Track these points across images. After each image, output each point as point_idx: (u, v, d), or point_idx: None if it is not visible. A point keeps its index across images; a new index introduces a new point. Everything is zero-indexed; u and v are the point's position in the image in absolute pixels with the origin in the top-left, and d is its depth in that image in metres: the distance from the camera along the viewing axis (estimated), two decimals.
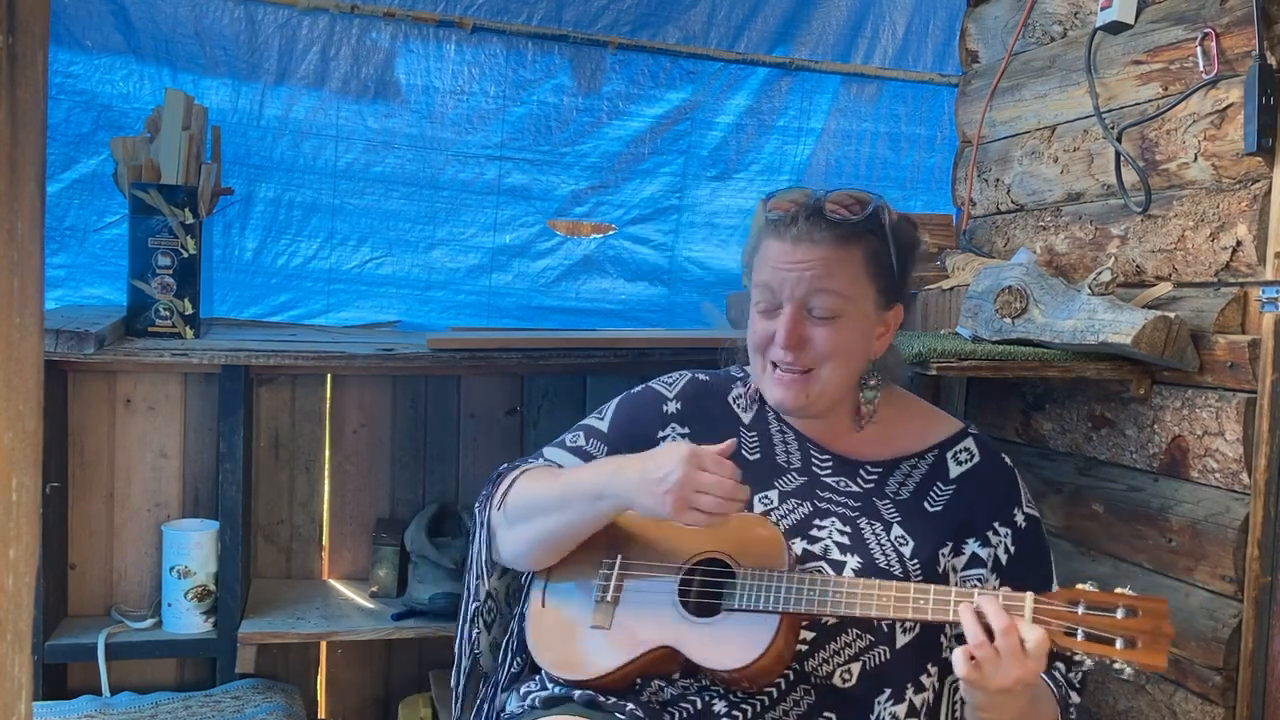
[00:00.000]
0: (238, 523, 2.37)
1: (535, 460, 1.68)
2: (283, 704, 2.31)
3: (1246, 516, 1.83)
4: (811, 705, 1.46)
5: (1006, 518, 1.59)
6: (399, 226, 2.76)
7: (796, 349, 1.53)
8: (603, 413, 1.72)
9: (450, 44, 2.73)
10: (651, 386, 1.72)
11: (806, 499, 1.57)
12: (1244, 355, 1.84)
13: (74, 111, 2.52)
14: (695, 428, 1.64)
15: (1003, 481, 1.63)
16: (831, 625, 1.47)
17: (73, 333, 2.05)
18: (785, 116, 2.95)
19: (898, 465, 1.62)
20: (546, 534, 1.54)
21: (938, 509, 1.58)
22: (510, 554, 1.61)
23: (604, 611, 1.51)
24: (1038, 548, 1.60)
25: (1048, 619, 1.32)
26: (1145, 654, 1.27)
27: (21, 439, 0.76)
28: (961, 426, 1.68)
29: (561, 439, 1.70)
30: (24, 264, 0.75)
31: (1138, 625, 1.29)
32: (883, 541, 1.53)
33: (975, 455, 1.63)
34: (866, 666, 1.47)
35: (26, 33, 0.74)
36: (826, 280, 1.53)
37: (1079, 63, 2.28)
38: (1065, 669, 1.54)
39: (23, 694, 0.77)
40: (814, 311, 1.54)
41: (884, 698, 1.48)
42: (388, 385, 2.69)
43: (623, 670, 1.47)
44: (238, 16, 2.58)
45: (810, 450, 1.63)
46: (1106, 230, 2.21)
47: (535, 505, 1.55)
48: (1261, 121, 1.80)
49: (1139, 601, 1.31)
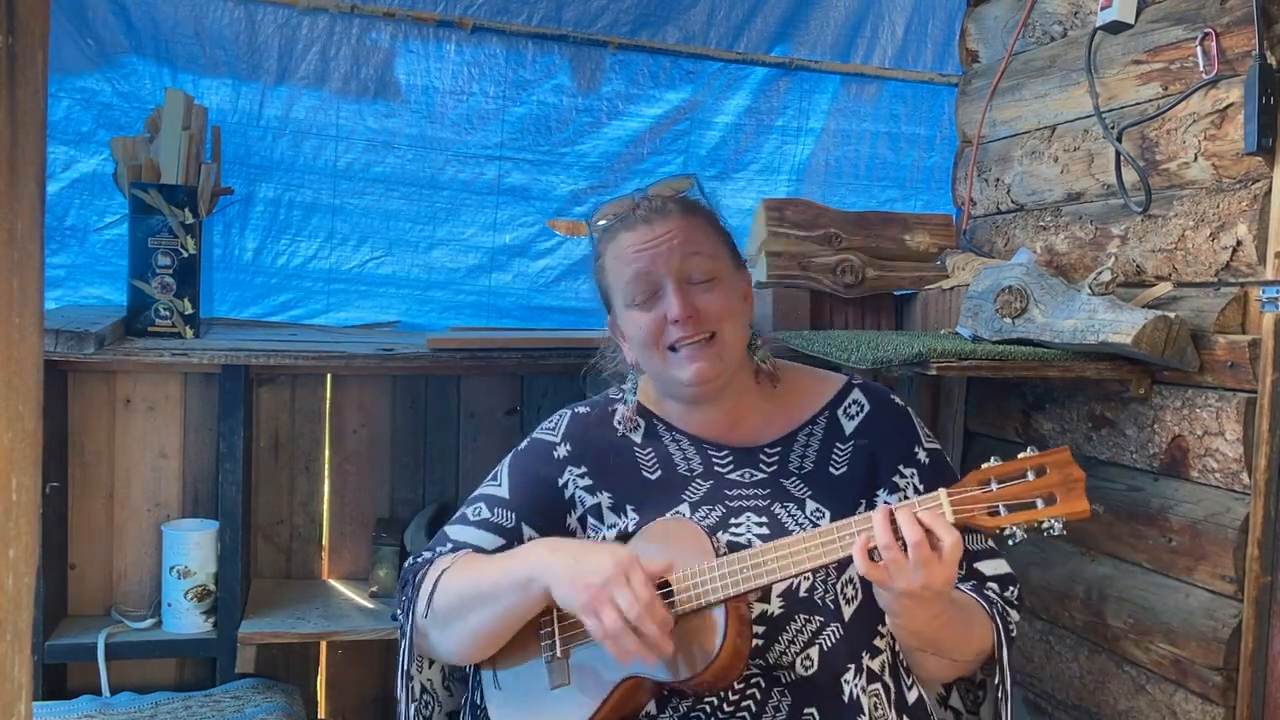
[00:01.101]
0: (238, 523, 2.37)
1: (444, 547, 1.60)
2: (283, 704, 2.31)
3: (1246, 516, 1.83)
4: (790, 707, 1.46)
5: (909, 456, 1.60)
6: (399, 226, 2.75)
7: (693, 316, 1.53)
8: (497, 477, 1.67)
9: (450, 44, 2.73)
10: (536, 437, 1.69)
11: (717, 502, 1.56)
12: (1244, 355, 1.84)
13: (74, 111, 2.52)
14: (591, 464, 1.62)
15: (897, 423, 1.63)
16: (778, 615, 1.47)
17: (73, 333, 2.05)
18: (784, 116, 2.95)
19: (794, 438, 1.62)
20: (482, 627, 1.50)
21: (843, 470, 1.59)
22: (448, 653, 1.57)
23: (558, 669, 1.48)
24: (945, 479, 1.55)
25: (967, 506, 1.33)
26: (1065, 505, 1.30)
27: (21, 439, 0.76)
28: (845, 380, 1.68)
29: (463, 513, 1.65)
30: (24, 264, 0.75)
31: (1048, 481, 1.31)
32: (800, 521, 1.53)
33: (865, 405, 1.64)
34: (823, 648, 1.47)
35: (26, 33, 0.74)
36: (691, 244, 1.57)
37: (1079, 62, 2.28)
38: (1000, 588, 1.56)
39: (23, 694, 0.77)
40: (694, 278, 1.55)
41: (850, 675, 1.48)
42: (388, 385, 2.69)
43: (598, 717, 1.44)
44: (238, 16, 2.58)
45: (708, 451, 1.62)
46: (1106, 230, 2.21)
47: (465, 602, 1.49)
48: (1261, 121, 1.80)
49: (1043, 458, 1.32)
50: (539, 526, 1.60)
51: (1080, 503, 1.30)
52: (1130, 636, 2.05)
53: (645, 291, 1.56)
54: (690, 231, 1.58)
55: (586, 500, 1.61)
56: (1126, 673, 2.07)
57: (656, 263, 1.55)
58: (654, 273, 1.55)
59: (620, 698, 1.44)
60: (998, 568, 1.60)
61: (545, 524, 1.61)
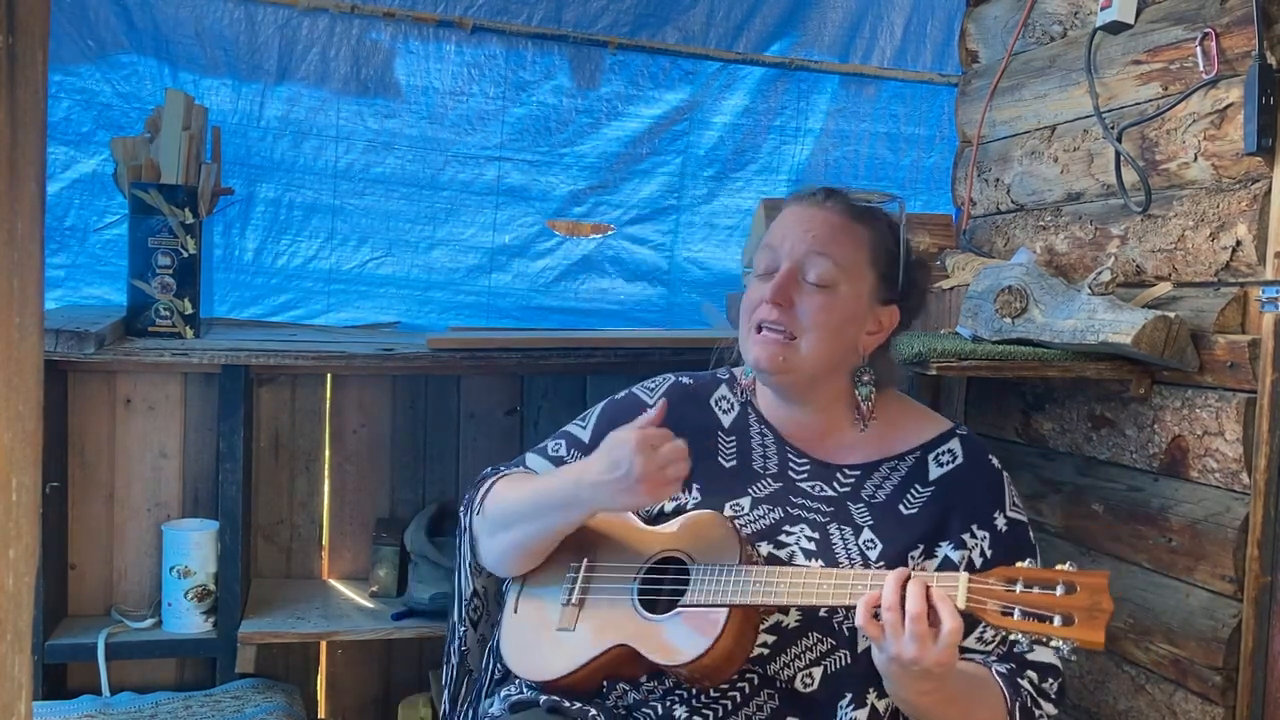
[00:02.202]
0: (238, 523, 2.37)
1: (516, 467, 1.69)
2: (283, 704, 2.31)
3: (1246, 516, 1.83)
4: (774, 710, 1.46)
5: (985, 520, 1.54)
6: (399, 227, 2.76)
7: (783, 305, 1.52)
8: (585, 420, 1.71)
9: (450, 44, 2.73)
10: (634, 392, 1.71)
11: (778, 505, 1.56)
12: (1244, 355, 1.84)
13: (74, 111, 2.52)
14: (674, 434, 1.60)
15: (985, 483, 1.58)
16: (792, 628, 1.46)
17: (73, 333, 2.05)
18: (783, 116, 2.95)
19: (877, 468, 1.59)
20: (521, 542, 1.56)
21: (912, 511, 1.55)
22: (490, 561, 1.63)
23: (569, 614, 1.52)
24: (1019, 553, 1.50)
25: (982, 599, 1.29)
26: (1082, 630, 1.24)
27: (21, 439, 0.76)
28: (950, 427, 1.64)
29: (544, 445, 1.71)
30: (24, 264, 0.75)
31: (1075, 602, 1.26)
32: (849, 546, 1.51)
33: (958, 457, 1.59)
34: (828, 670, 1.46)
35: (26, 33, 0.74)
36: (828, 245, 1.54)
37: (1079, 63, 2.28)
38: (1038, 679, 1.49)
39: (23, 694, 0.77)
40: (809, 276, 1.53)
41: (845, 702, 1.47)
42: (388, 385, 2.69)
43: (584, 670, 1.48)
44: (238, 17, 2.58)
45: (788, 454, 1.62)
46: (1106, 230, 2.21)
47: (510, 514, 1.56)
48: (1261, 121, 1.80)
49: (1079, 577, 1.27)
50: None
51: (1097, 634, 1.24)
52: (1130, 636, 2.06)
53: (765, 263, 1.57)
54: (838, 233, 1.55)
55: None
56: (1126, 672, 2.07)
57: (787, 241, 1.55)
58: (779, 249, 1.56)
59: (610, 659, 1.47)
60: (1042, 656, 1.50)
61: None
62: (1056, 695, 1.50)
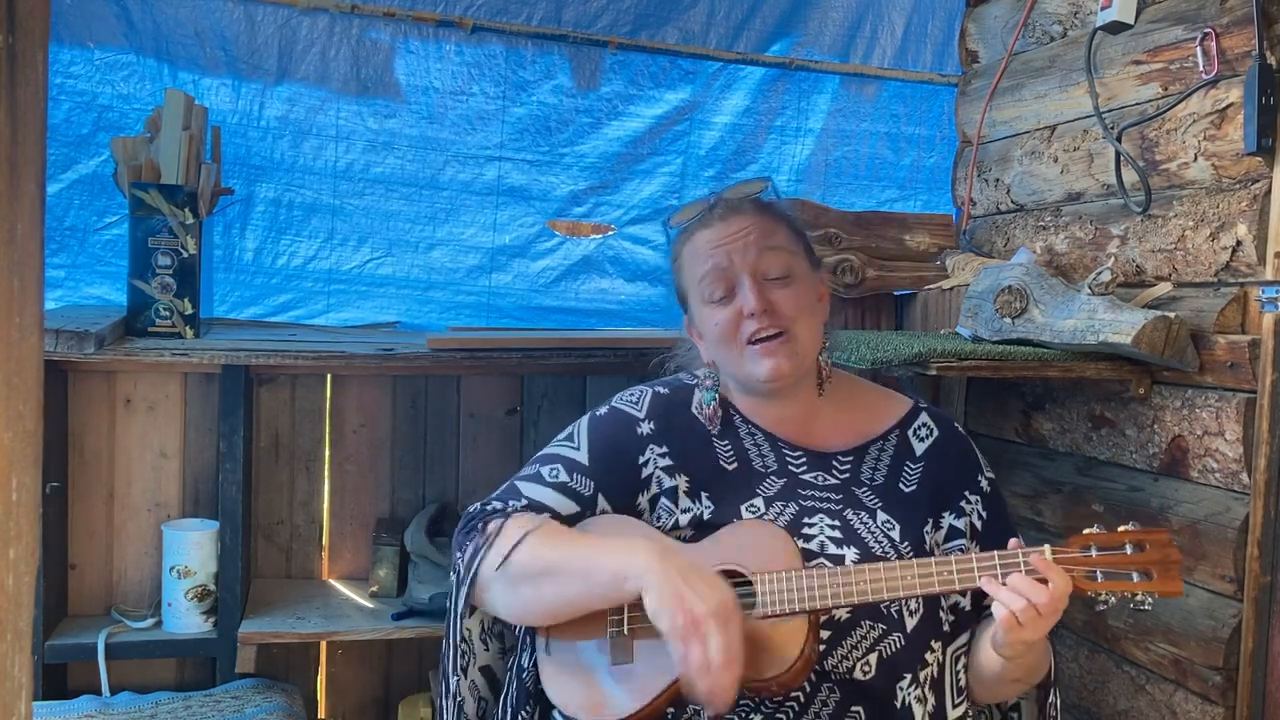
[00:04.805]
0: (238, 523, 2.37)
1: (518, 502, 1.57)
2: (283, 704, 2.31)
3: (1246, 516, 1.83)
4: (838, 703, 1.46)
5: (974, 485, 1.63)
6: (399, 227, 2.76)
7: (767, 310, 1.54)
8: (575, 441, 1.64)
9: (450, 44, 2.73)
10: (618, 409, 1.66)
11: (791, 500, 1.57)
12: (1244, 355, 1.84)
13: (74, 112, 2.52)
14: (673, 445, 1.61)
15: (963, 451, 1.67)
16: (845, 620, 1.47)
17: (73, 333, 2.05)
18: (784, 116, 2.95)
19: (867, 450, 1.63)
20: (561, 602, 1.47)
21: (913, 488, 1.61)
22: (507, 611, 1.53)
23: (622, 647, 1.46)
24: (1003, 508, 1.65)
25: (1069, 567, 1.38)
26: (1161, 583, 1.36)
27: (21, 439, 0.76)
28: (913, 403, 1.70)
29: (538, 472, 1.61)
30: (24, 264, 0.75)
31: (1147, 558, 1.37)
32: (872, 529, 1.54)
33: (934, 430, 1.66)
34: (883, 655, 1.48)
35: (26, 33, 0.74)
36: (768, 238, 1.58)
37: (1079, 63, 2.28)
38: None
39: (23, 694, 0.77)
40: (769, 274, 1.57)
41: (905, 683, 1.49)
42: (388, 385, 2.69)
43: (658, 701, 1.42)
44: (237, 16, 2.58)
45: (783, 450, 1.63)
46: (1106, 230, 2.21)
47: (550, 571, 1.46)
48: (1261, 121, 1.80)
49: (1144, 535, 1.39)
50: (614, 500, 1.58)
51: (1176, 583, 1.36)
52: (1130, 636, 2.06)
53: (721, 287, 1.57)
54: (766, 228, 1.60)
55: (665, 481, 1.59)
56: (1126, 672, 2.07)
57: (732, 258, 1.57)
58: (730, 268, 1.57)
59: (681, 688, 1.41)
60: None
61: (620, 498, 1.59)
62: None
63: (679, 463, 1.60)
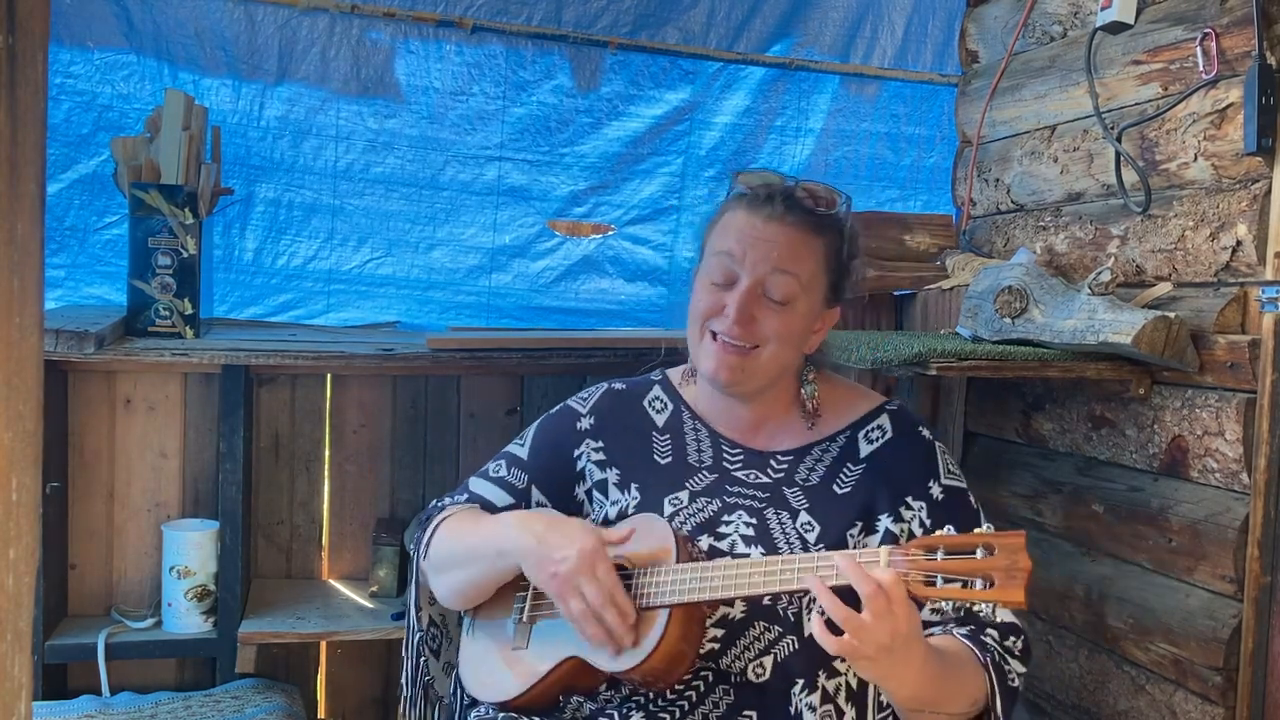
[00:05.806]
0: (238, 523, 2.37)
1: (461, 497, 1.69)
2: (283, 704, 2.31)
3: (1246, 516, 1.83)
4: (730, 705, 1.47)
5: (920, 491, 1.55)
6: (399, 227, 2.76)
7: (746, 325, 1.53)
8: (523, 438, 1.73)
9: (450, 44, 2.73)
10: (568, 404, 1.73)
11: (716, 496, 1.58)
12: (1244, 355, 1.84)
13: (74, 112, 2.52)
14: (608, 440, 1.66)
15: (916, 454, 1.59)
16: (739, 620, 1.48)
17: (73, 333, 2.05)
18: (784, 116, 2.95)
19: (809, 451, 1.61)
20: (463, 584, 1.59)
21: (846, 490, 1.56)
22: (442, 598, 1.65)
23: (521, 632, 1.55)
24: (959, 518, 1.51)
25: (904, 570, 1.28)
26: (1002, 591, 1.23)
27: (21, 439, 0.76)
28: (880, 403, 1.65)
29: (486, 468, 1.71)
30: (24, 264, 0.75)
31: (994, 564, 1.25)
32: (787, 530, 1.53)
33: (887, 432, 1.60)
34: (778, 658, 1.47)
35: (26, 33, 0.74)
36: (790, 262, 1.54)
37: (1079, 63, 2.28)
38: (999, 636, 1.48)
39: (23, 694, 0.77)
40: (772, 294, 1.54)
41: (798, 689, 1.47)
42: (388, 385, 2.69)
43: (539, 686, 1.49)
44: (237, 16, 2.58)
45: (722, 446, 1.63)
46: (1106, 230, 2.21)
47: (451, 558, 1.59)
48: (1261, 121, 1.80)
49: (996, 538, 1.26)
50: (549, 492, 1.66)
51: (1017, 594, 1.23)
52: (1130, 636, 2.06)
53: (723, 274, 1.56)
54: (798, 249, 1.55)
55: (595, 474, 1.65)
56: (1126, 673, 2.07)
57: (749, 256, 1.54)
58: (740, 265, 1.54)
59: (564, 673, 1.48)
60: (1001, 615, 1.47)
61: (555, 490, 1.66)
62: (1022, 653, 1.49)
63: (610, 456, 1.65)
